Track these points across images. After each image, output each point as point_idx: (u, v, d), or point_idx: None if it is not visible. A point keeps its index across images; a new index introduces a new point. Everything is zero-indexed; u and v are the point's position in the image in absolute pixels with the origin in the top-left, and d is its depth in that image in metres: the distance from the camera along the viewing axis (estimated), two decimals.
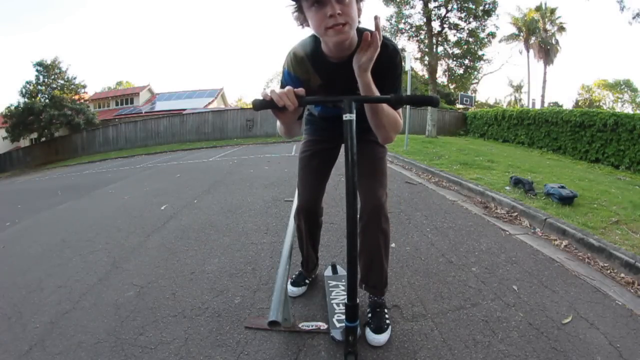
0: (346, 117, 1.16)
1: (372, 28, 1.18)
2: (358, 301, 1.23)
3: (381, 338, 1.50)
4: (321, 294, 1.92)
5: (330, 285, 1.93)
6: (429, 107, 12.48)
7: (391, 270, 2.18)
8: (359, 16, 1.17)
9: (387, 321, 1.56)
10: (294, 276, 1.96)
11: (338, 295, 1.82)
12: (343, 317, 1.34)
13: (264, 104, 1.18)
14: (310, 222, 1.70)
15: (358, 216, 1.39)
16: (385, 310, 1.60)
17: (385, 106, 1.23)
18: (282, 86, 1.30)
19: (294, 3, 1.14)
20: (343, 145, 1.25)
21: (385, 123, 1.25)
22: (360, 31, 1.17)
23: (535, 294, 1.89)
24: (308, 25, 1.17)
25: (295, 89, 1.12)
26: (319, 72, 1.30)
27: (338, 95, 1.19)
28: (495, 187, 3.98)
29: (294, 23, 1.23)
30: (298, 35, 1.39)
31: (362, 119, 1.44)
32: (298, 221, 1.70)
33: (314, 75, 1.31)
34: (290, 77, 1.34)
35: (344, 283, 1.77)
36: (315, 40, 1.27)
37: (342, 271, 2.06)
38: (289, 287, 1.86)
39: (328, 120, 1.56)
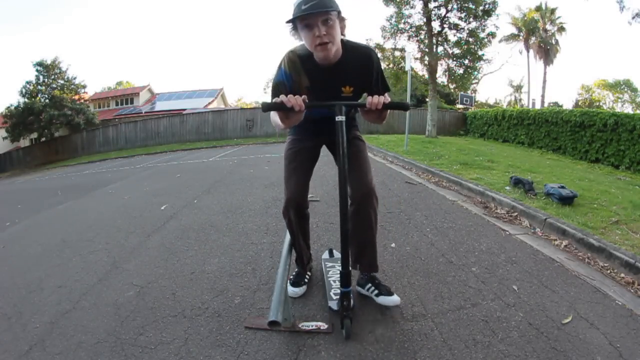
0: (338, 118, 1.45)
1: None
2: (350, 269, 1.49)
3: (396, 298, 1.66)
4: (321, 294, 1.92)
5: (327, 266, 2.09)
6: (429, 107, 12.50)
7: (391, 270, 2.19)
8: (343, 31, 1.48)
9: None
10: (292, 276, 1.95)
11: (334, 274, 1.98)
12: (339, 290, 1.54)
13: (272, 106, 1.40)
14: (299, 215, 1.77)
15: (350, 201, 1.62)
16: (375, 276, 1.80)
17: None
18: (276, 80, 1.58)
19: (290, 25, 1.44)
20: (324, 146, 1.73)
21: (377, 117, 1.56)
22: (345, 43, 1.51)
23: (535, 294, 1.89)
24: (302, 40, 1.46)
25: (302, 97, 1.37)
26: (308, 74, 1.53)
27: (323, 97, 1.51)
28: (495, 187, 3.98)
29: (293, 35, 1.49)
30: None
31: (347, 119, 1.65)
32: (288, 216, 1.77)
33: (303, 76, 1.53)
34: (284, 74, 1.55)
35: (340, 264, 1.83)
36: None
37: (337, 255, 2.13)
38: (289, 288, 1.87)
39: (313, 122, 1.69)
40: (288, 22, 1.41)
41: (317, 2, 1.32)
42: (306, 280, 1.97)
